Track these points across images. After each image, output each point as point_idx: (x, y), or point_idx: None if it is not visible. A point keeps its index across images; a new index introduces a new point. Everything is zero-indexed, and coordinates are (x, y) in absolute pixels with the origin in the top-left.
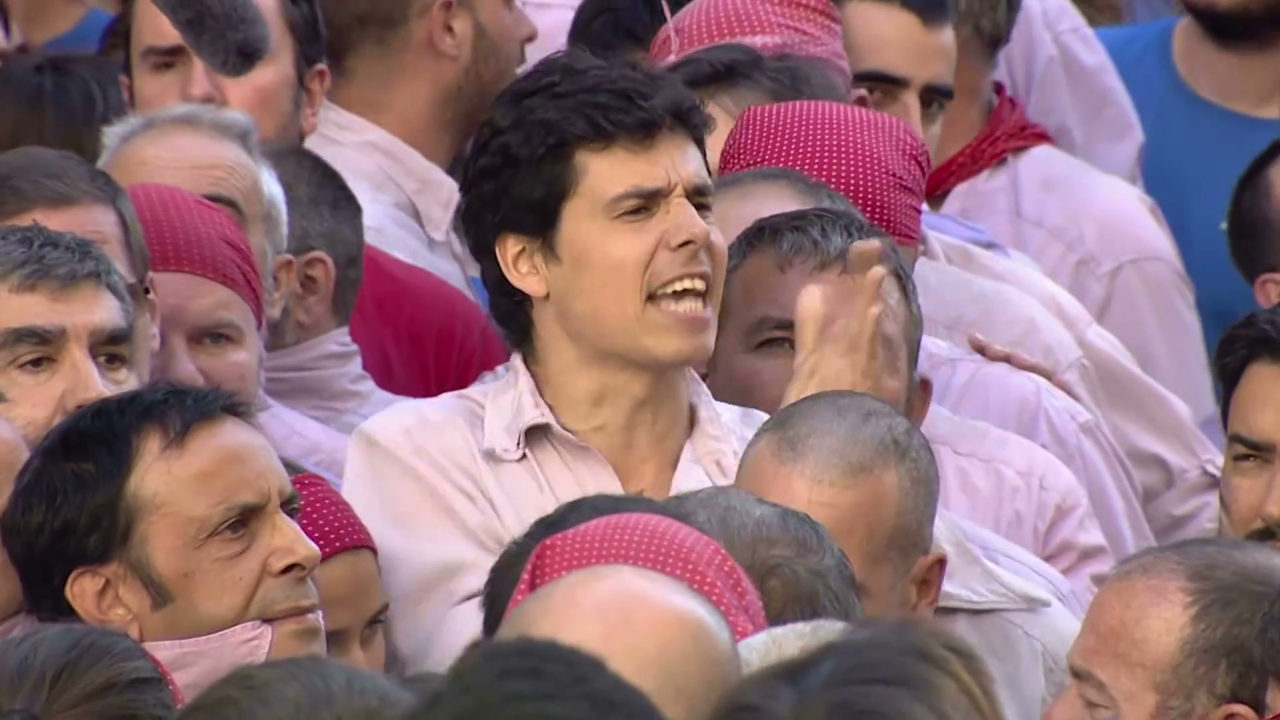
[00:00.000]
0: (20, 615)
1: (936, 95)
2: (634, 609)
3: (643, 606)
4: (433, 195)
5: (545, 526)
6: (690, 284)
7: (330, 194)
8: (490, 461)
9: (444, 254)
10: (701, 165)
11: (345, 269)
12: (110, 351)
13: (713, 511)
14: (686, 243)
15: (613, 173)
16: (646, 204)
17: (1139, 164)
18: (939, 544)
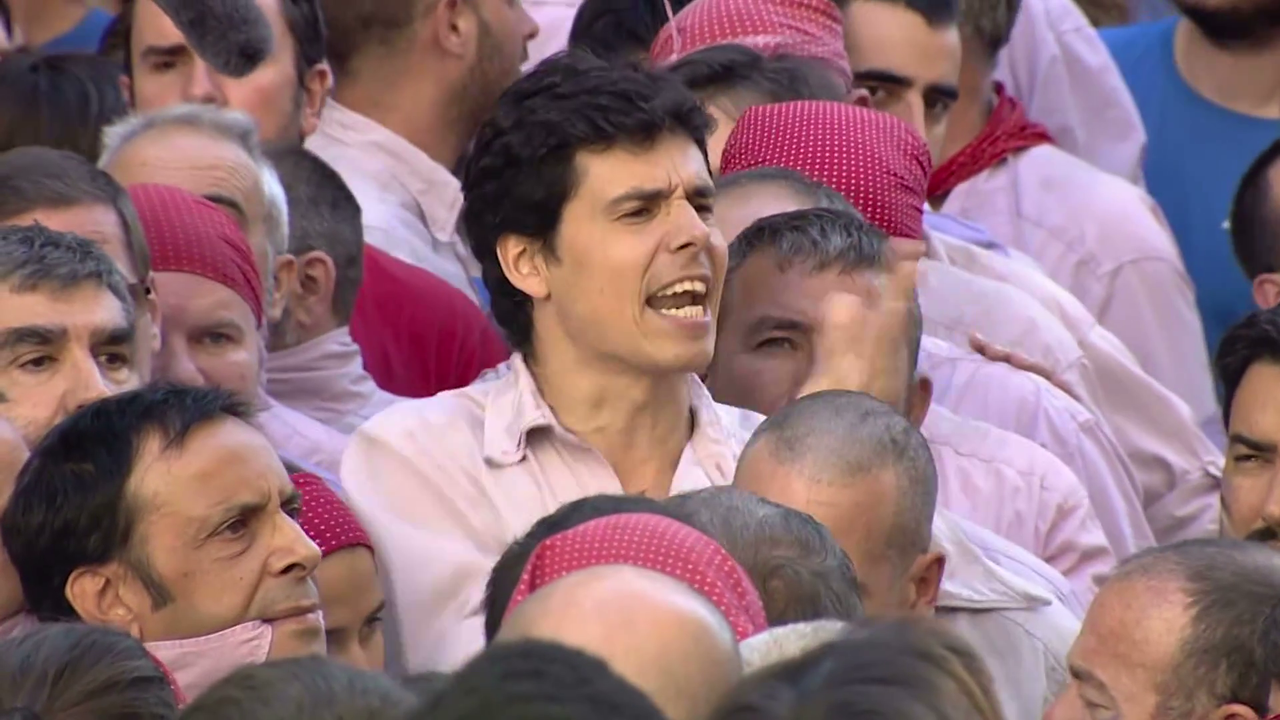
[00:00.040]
0: (20, 615)
1: (941, 95)
2: (635, 609)
3: (643, 606)
4: (438, 196)
5: (547, 526)
6: (690, 286)
7: (330, 194)
8: (491, 465)
9: (448, 254)
10: (703, 167)
11: (345, 269)
12: (111, 351)
13: (715, 511)
14: (686, 245)
15: (613, 174)
16: (647, 205)
17: (1141, 164)
18: (938, 543)
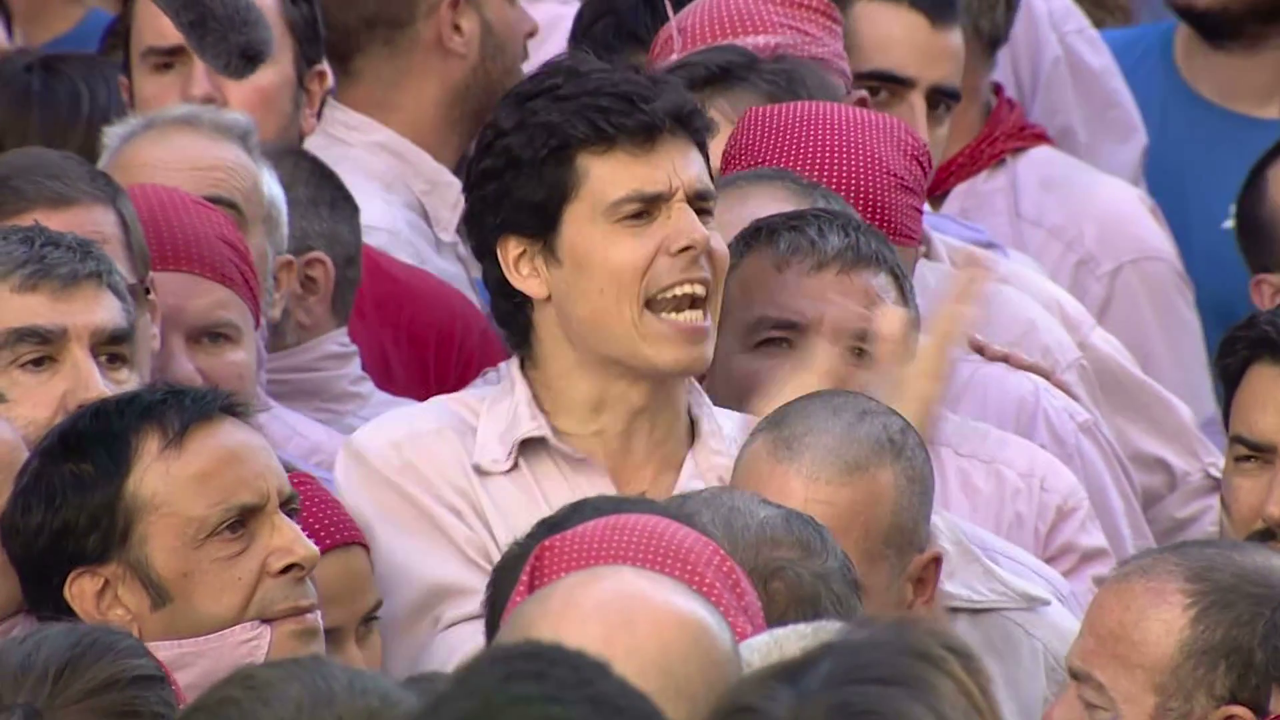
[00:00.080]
0: (20, 615)
1: (943, 97)
2: (634, 610)
3: (643, 607)
4: (441, 196)
5: (547, 527)
6: (689, 289)
7: (328, 194)
8: (481, 475)
9: (450, 255)
10: (704, 169)
11: (344, 269)
12: (111, 351)
13: (717, 512)
14: (686, 248)
15: (614, 176)
16: (647, 208)
17: (1143, 165)
18: (937, 542)
